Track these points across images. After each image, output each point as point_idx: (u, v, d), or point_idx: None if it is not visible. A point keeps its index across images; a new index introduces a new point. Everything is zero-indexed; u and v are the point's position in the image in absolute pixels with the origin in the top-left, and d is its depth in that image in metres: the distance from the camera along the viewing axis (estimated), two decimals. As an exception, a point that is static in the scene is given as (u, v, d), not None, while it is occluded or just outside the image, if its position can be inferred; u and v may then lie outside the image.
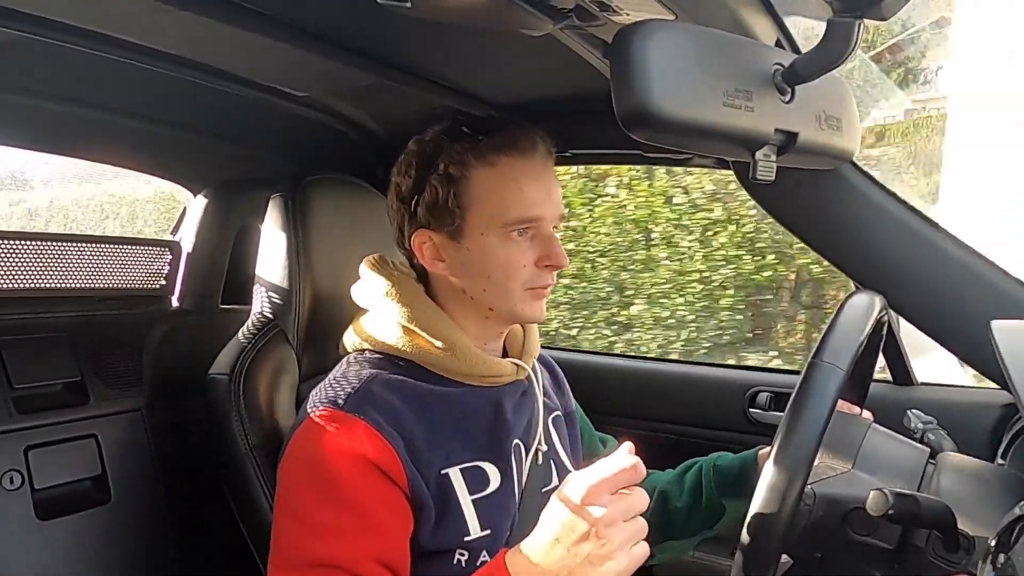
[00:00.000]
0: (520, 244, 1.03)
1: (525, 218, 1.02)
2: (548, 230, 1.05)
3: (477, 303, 1.06)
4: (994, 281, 1.24)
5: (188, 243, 1.67)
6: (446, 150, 1.03)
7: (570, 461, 1.18)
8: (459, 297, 1.07)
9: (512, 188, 1.02)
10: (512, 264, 1.03)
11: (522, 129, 1.05)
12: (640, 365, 1.83)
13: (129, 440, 1.40)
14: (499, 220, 1.02)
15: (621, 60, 0.70)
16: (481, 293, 1.05)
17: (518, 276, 1.03)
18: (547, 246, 1.04)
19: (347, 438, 0.96)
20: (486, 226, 1.02)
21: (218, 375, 1.20)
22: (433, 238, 1.05)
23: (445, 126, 1.06)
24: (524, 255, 1.03)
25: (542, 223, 1.04)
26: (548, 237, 1.04)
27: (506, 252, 1.03)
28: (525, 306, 1.05)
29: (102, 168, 2.62)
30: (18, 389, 1.28)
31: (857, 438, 0.98)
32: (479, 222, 1.03)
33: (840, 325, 0.88)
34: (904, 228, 1.27)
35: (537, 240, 1.04)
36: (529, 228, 1.03)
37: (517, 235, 1.03)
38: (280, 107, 1.36)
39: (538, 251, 1.04)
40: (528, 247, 1.04)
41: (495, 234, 1.02)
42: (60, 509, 1.28)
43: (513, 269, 1.03)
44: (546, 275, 1.05)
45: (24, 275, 1.37)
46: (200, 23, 0.98)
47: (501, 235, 1.02)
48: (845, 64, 0.76)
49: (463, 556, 1.01)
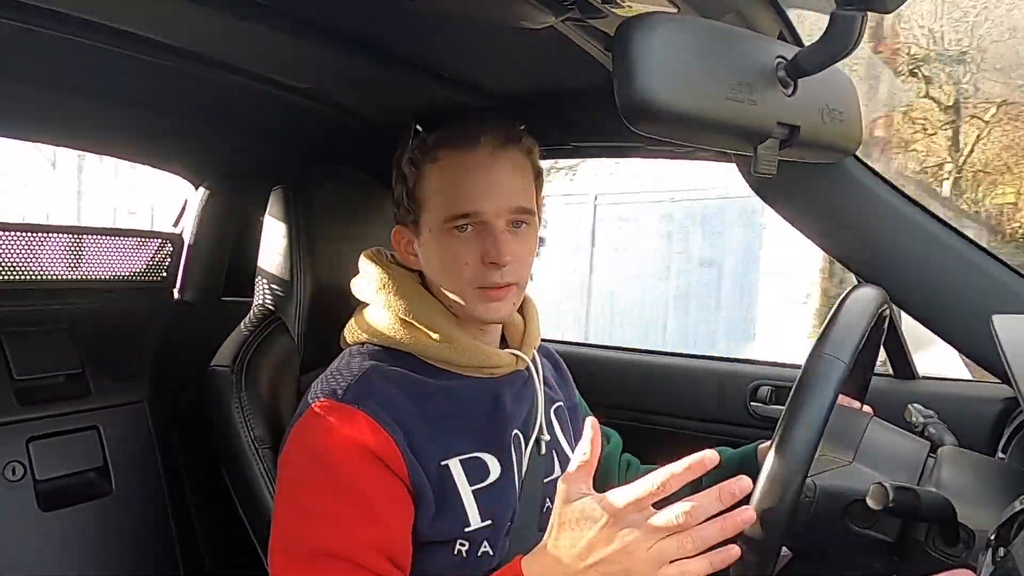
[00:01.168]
0: (462, 240, 1.02)
1: (462, 212, 1.01)
2: (495, 224, 1.02)
3: (444, 298, 1.07)
4: (996, 275, 1.23)
5: (190, 235, 1.67)
6: (406, 148, 1.06)
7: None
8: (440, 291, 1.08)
9: (450, 182, 1.02)
10: (455, 261, 1.02)
11: (474, 121, 1.03)
12: (641, 358, 1.83)
13: (131, 432, 1.40)
14: (441, 216, 1.02)
15: (623, 53, 0.69)
16: (442, 291, 1.06)
17: (462, 274, 1.02)
18: (489, 242, 1.01)
19: (347, 429, 0.96)
20: (433, 222, 1.03)
21: (220, 367, 1.21)
22: (405, 234, 1.08)
23: (412, 123, 1.07)
24: (465, 251, 1.02)
25: (483, 216, 1.01)
26: (493, 232, 1.01)
27: (449, 249, 1.02)
28: (478, 306, 1.03)
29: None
30: (20, 381, 1.28)
31: (858, 431, 0.98)
32: (428, 218, 1.04)
33: (842, 318, 0.88)
34: (906, 222, 1.26)
35: (481, 236, 1.02)
36: (470, 224, 1.01)
37: (458, 231, 1.02)
38: (281, 99, 1.35)
39: (480, 247, 1.01)
40: (471, 243, 1.02)
41: (440, 230, 1.02)
42: (62, 501, 1.29)
43: (456, 267, 1.02)
44: (491, 273, 1.01)
45: (26, 267, 1.37)
46: (201, 14, 0.97)
47: (445, 231, 1.02)
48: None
49: (464, 547, 1.01)
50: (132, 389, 1.42)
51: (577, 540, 0.79)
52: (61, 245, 1.42)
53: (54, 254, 1.41)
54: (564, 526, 0.81)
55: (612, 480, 1.27)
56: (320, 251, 1.26)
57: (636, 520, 0.77)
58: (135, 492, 1.38)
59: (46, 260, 1.40)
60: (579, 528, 0.79)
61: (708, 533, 0.76)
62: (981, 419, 1.33)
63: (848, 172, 1.27)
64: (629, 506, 0.77)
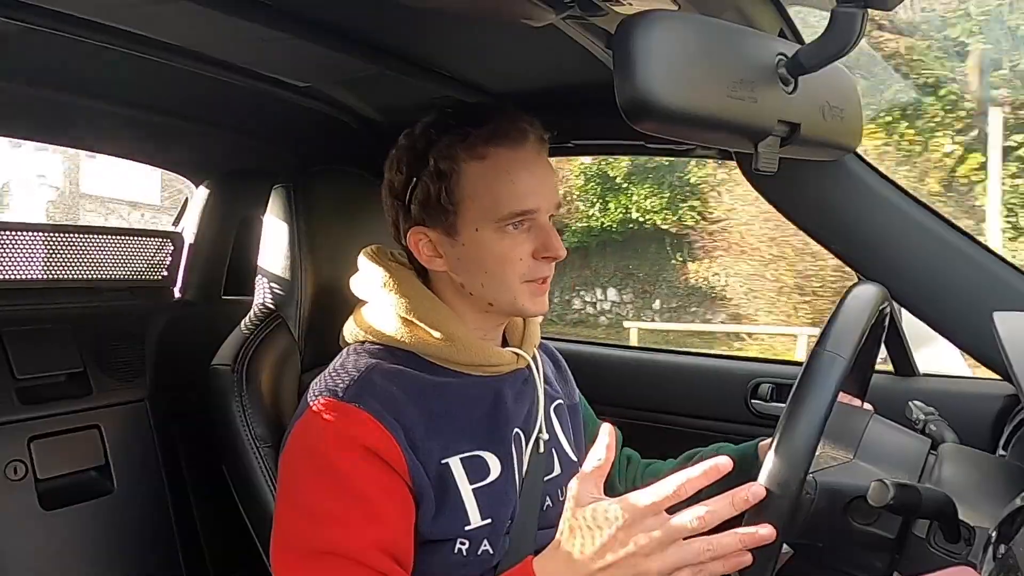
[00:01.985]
0: (515, 237, 1.02)
1: (519, 211, 1.01)
2: (544, 220, 1.03)
3: (476, 298, 1.06)
4: (997, 272, 1.23)
5: (190, 234, 1.68)
6: (435, 145, 1.02)
7: (573, 451, 1.18)
8: (458, 291, 1.06)
9: (504, 181, 1.01)
10: (508, 258, 1.02)
11: (511, 117, 1.03)
12: (641, 356, 1.83)
13: (132, 431, 1.40)
14: (493, 214, 1.01)
15: (624, 51, 0.69)
16: (480, 288, 1.04)
17: (515, 270, 1.02)
18: (543, 237, 1.02)
19: (347, 427, 0.96)
20: (480, 221, 1.01)
21: (221, 366, 1.21)
22: (429, 235, 1.05)
23: (433, 118, 1.04)
24: (520, 248, 1.02)
25: (537, 214, 1.02)
26: (544, 228, 1.03)
27: (502, 246, 1.02)
28: (525, 300, 1.04)
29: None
30: (21, 380, 1.28)
31: (858, 429, 0.98)
32: (473, 217, 1.02)
33: (843, 315, 0.88)
34: (907, 219, 1.26)
35: (533, 231, 1.03)
36: (524, 220, 1.02)
37: (512, 228, 1.02)
38: (282, 97, 1.36)
39: (534, 243, 1.02)
40: (524, 239, 1.02)
41: (490, 229, 1.01)
42: (64, 499, 1.29)
43: (510, 263, 1.02)
44: (544, 267, 1.04)
45: (27, 266, 1.37)
46: (202, 13, 0.97)
47: (496, 229, 1.01)
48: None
49: (464, 545, 1.01)
50: (133, 388, 1.43)
51: (591, 542, 0.80)
52: (61, 244, 1.42)
53: (55, 253, 1.41)
54: (576, 529, 0.81)
55: (612, 476, 1.27)
56: (321, 250, 1.26)
57: (651, 524, 0.78)
58: (136, 491, 1.38)
59: (47, 259, 1.40)
60: (593, 530, 0.80)
61: (727, 541, 0.77)
62: (982, 416, 1.33)
63: (849, 169, 1.27)
64: (646, 509, 0.78)
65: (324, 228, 1.27)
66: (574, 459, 1.17)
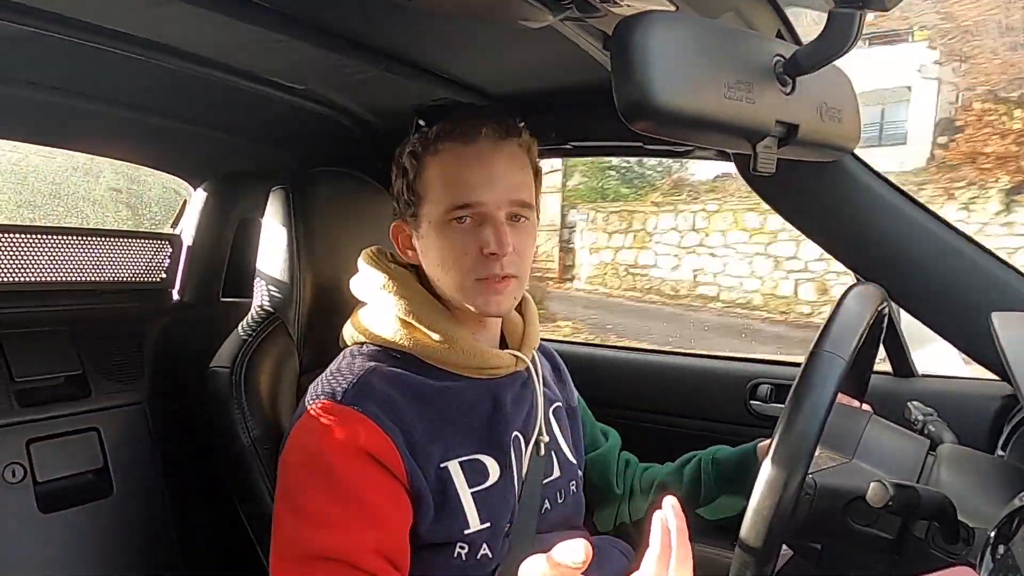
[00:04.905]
0: (462, 231, 1.02)
1: (463, 203, 1.01)
2: (495, 216, 1.02)
3: (442, 293, 1.07)
4: (995, 273, 1.23)
5: (189, 236, 1.67)
6: (406, 142, 1.07)
7: (571, 453, 1.18)
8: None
9: (452, 174, 1.02)
10: (454, 252, 1.02)
11: (473, 115, 1.04)
12: (640, 357, 1.83)
13: (131, 433, 1.40)
14: (442, 207, 1.02)
15: (622, 52, 0.69)
16: (439, 284, 1.06)
17: (461, 265, 1.02)
18: (488, 233, 1.01)
19: (346, 431, 0.96)
20: (433, 214, 1.03)
21: (219, 368, 1.20)
22: (404, 228, 1.09)
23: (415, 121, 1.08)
24: (467, 243, 1.02)
25: (485, 208, 1.01)
26: (493, 224, 1.02)
27: (449, 240, 1.03)
28: (477, 298, 1.03)
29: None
30: (20, 382, 1.28)
31: (857, 429, 0.98)
32: (429, 210, 1.04)
33: (841, 316, 0.88)
34: (905, 220, 1.26)
35: (482, 227, 1.02)
36: (470, 215, 1.02)
37: (458, 222, 1.02)
38: (280, 100, 1.36)
39: (480, 238, 1.02)
40: (470, 235, 1.02)
41: (440, 221, 1.03)
42: (62, 502, 1.29)
43: (456, 258, 1.02)
44: (490, 264, 1.02)
45: (26, 268, 1.37)
46: (200, 16, 0.97)
47: (445, 222, 1.02)
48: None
49: (463, 549, 1.01)
50: (132, 390, 1.42)
51: None
52: (60, 247, 1.42)
53: (53, 256, 1.41)
54: None
55: (611, 478, 1.27)
56: (319, 252, 1.26)
57: None
58: (135, 493, 1.38)
59: (46, 262, 1.40)
60: None
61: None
62: (980, 417, 1.33)
63: (847, 170, 1.27)
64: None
65: (323, 230, 1.27)
66: (573, 461, 1.17)
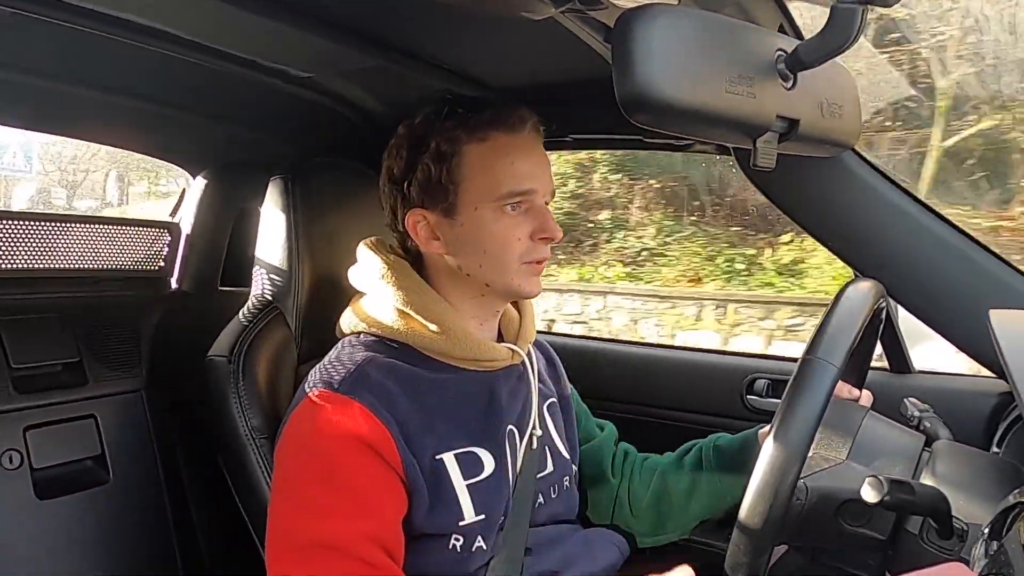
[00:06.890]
0: (514, 218, 1.04)
1: (517, 191, 1.03)
2: (541, 203, 1.06)
3: (473, 280, 1.06)
4: (993, 270, 1.24)
5: (187, 225, 1.67)
6: (437, 129, 1.05)
7: (564, 447, 1.18)
8: (454, 276, 1.07)
9: (504, 162, 1.03)
10: (507, 238, 1.04)
11: (511, 106, 1.06)
12: (636, 350, 1.83)
13: (128, 421, 1.41)
14: (492, 194, 1.03)
15: (623, 45, 0.69)
16: (477, 269, 1.05)
17: (513, 250, 1.04)
18: (541, 219, 1.05)
19: (342, 419, 0.96)
20: (479, 201, 1.03)
21: (217, 357, 1.20)
22: (427, 217, 1.06)
23: (434, 107, 1.07)
24: (518, 228, 1.04)
25: (534, 196, 1.05)
26: (541, 210, 1.05)
27: (500, 226, 1.04)
28: (522, 280, 1.06)
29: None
30: (17, 369, 1.28)
31: (853, 425, 0.98)
32: (472, 197, 1.04)
33: (836, 318, 0.88)
34: (905, 216, 1.26)
35: (531, 214, 1.05)
36: (522, 202, 1.04)
37: (511, 209, 1.03)
38: (281, 89, 1.35)
39: (532, 224, 1.04)
40: (522, 220, 1.04)
41: (489, 208, 1.03)
42: (59, 489, 1.29)
43: (508, 243, 1.04)
44: (541, 248, 1.06)
45: (24, 256, 1.37)
46: (203, 3, 0.97)
47: (494, 209, 1.03)
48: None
49: (458, 541, 1.01)
50: (129, 378, 1.43)
51: None
52: (58, 234, 1.42)
53: (52, 243, 1.41)
54: None
55: (605, 466, 1.27)
56: (318, 241, 1.26)
57: None
58: (132, 481, 1.38)
59: (44, 249, 1.39)
60: None
61: None
62: (976, 413, 1.33)
63: (847, 166, 1.27)
64: None
65: (322, 220, 1.27)
66: (566, 456, 1.18)
